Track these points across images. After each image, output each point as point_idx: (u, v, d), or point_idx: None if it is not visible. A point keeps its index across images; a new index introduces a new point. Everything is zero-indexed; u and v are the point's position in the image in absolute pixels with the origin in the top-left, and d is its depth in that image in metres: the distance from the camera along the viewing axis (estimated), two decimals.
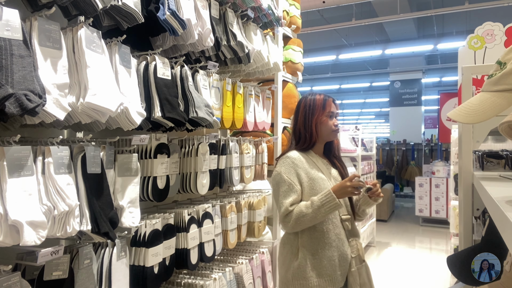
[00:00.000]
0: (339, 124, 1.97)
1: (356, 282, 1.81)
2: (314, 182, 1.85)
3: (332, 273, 1.79)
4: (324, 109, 1.92)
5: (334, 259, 1.80)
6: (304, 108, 1.96)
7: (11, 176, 1.07)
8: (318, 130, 1.93)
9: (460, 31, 9.55)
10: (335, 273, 1.79)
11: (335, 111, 1.97)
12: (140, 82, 1.59)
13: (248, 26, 2.39)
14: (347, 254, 1.83)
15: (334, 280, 1.79)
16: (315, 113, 1.92)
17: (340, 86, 16.13)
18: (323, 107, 1.92)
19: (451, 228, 4.34)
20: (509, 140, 2.16)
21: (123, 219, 1.45)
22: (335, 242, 1.81)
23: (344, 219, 1.87)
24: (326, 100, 1.94)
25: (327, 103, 1.94)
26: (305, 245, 1.83)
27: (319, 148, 1.99)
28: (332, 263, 1.79)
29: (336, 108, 1.97)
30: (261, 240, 2.74)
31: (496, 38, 4.11)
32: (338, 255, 1.80)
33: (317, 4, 7.46)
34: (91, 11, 1.29)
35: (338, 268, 1.80)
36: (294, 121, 2.02)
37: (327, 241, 1.81)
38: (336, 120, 1.96)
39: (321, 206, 1.73)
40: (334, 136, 1.96)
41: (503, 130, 0.82)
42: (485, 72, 1.72)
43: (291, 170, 1.86)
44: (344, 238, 1.84)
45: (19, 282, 1.13)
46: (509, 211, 0.64)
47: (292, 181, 1.84)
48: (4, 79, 1.03)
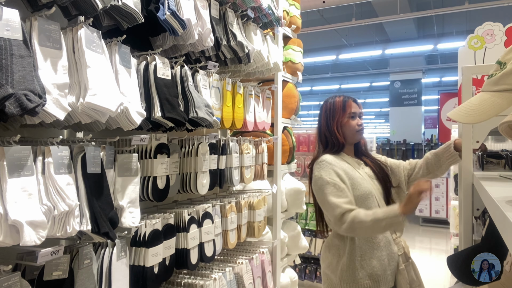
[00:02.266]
0: (363, 123, 1.94)
1: (406, 280, 1.80)
2: (354, 181, 1.81)
3: (382, 273, 1.77)
4: (345, 110, 1.90)
5: (384, 258, 1.78)
6: (325, 112, 1.95)
7: (11, 176, 1.07)
8: (342, 132, 1.91)
9: (460, 31, 9.55)
10: (385, 272, 1.78)
11: (358, 111, 1.93)
12: (140, 82, 1.59)
13: (248, 26, 2.39)
14: (395, 252, 1.83)
15: (385, 280, 1.78)
16: (336, 116, 1.91)
17: (340, 86, 16.13)
18: (343, 108, 1.91)
19: (451, 228, 4.34)
20: (509, 140, 2.16)
21: (123, 219, 1.45)
22: (383, 241, 1.81)
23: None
24: (346, 101, 1.92)
25: (347, 104, 1.92)
26: (353, 247, 1.79)
27: (350, 150, 1.97)
28: (382, 263, 1.78)
29: (358, 107, 1.94)
30: (261, 240, 2.74)
31: (496, 38, 4.11)
32: (387, 255, 1.79)
33: (317, 4, 7.46)
34: (91, 11, 1.29)
35: (387, 268, 1.79)
36: (318, 127, 2.00)
37: (375, 241, 1.79)
38: (360, 119, 1.93)
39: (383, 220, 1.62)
40: (359, 136, 1.93)
41: (503, 130, 0.82)
42: (485, 72, 1.72)
43: (331, 172, 1.79)
44: (390, 237, 1.84)
45: (19, 282, 1.13)
46: (509, 211, 0.64)
47: (336, 181, 1.77)
48: (4, 79, 1.03)
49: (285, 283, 2.94)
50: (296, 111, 3.17)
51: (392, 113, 12.83)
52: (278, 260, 2.84)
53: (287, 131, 3.07)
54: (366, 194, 1.81)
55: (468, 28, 8.46)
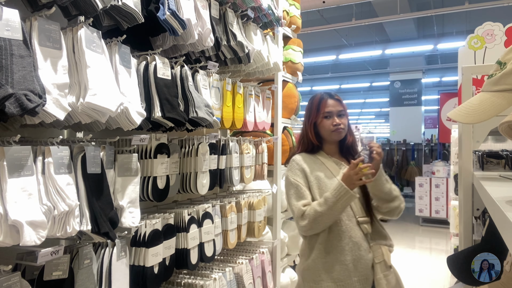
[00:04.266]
0: (342, 122, 1.84)
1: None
2: (320, 181, 1.79)
3: (346, 278, 1.71)
4: (319, 110, 1.85)
5: (348, 264, 1.71)
6: (305, 111, 1.95)
7: (11, 176, 1.07)
8: (316, 132, 1.88)
9: (460, 31, 9.55)
10: (350, 278, 1.71)
11: (335, 110, 1.85)
12: (140, 82, 1.59)
13: (248, 26, 2.39)
14: (366, 259, 1.74)
15: (349, 285, 1.71)
16: (310, 116, 1.88)
17: (340, 86, 16.13)
18: (318, 108, 1.86)
19: (451, 228, 4.34)
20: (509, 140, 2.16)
21: (123, 219, 1.45)
22: (349, 245, 1.73)
23: (361, 222, 1.78)
24: (322, 100, 1.86)
25: (322, 104, 1.85)
26: (318, 250, 1.76)
27: (330, 149, 1.90)
28: (346, 268, 1.71)
29: (337, 106, 1.85)
30: (261, 240, 2.74)
31: (496, 38, 4.11)
32: (352, 260, 1.72)
33: (317, 4, 7.46)
34: (91, 11, 1.29)
35: (353, 274, 1.71)
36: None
37: (339, 244, 1.73)
38: (340, 118, 1.84)
39: (336, 202, 1.64)
40: (336, 135, 1.84)
41: (503, 130, 0.82)
42: (485, 72, 1.72)
43: (296, 172, 1.82)
44: (361, 241, 1.75)
45: (19, 282, 1.13)
46: (509, 211, 0.64)
47: (299, 182, 1.79)
48: (4, 79, 1.03)
49: (285, 283, 2.94)
50: (296, 111, 3.17)
51: (392, 113, 12.83)
52: (278, 260, 2.84)
53: (287, 131, 3.07)
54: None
55: (468, 28, 8.45)
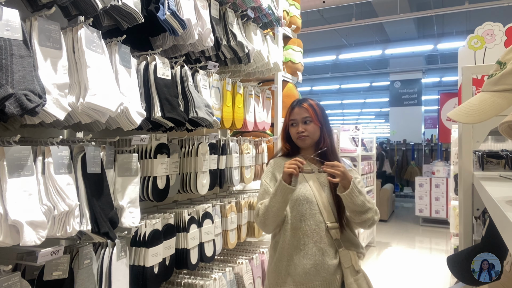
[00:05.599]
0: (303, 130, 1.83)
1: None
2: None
3: (307, 282, 1.72)
4: (288, 118, 1.89)
5: (309, 268, 1.72)
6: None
7: (11, 176, 1.07)
8: (288, 138, 1.91)
9: (460, 31, 9.55)
10: (312, 282, 1.73)
11: (299, 117, 1.84)
12: (140, 82, 1.59)
13: (248, 26, 2.39)
14: (330, 264, 1.74)
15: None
16: (284, 123, 1.93)
17: (340, 86, 16.13)
18: (288, 116, 1.90)
19: (451, 228, 4.34)
20: (509, 140, 2.16)
21: (123, 219, 1.45)
22: (312, 250, 1.74)
23: (330, 227, 1.78)
24: (291, 108, 1.89)
25: (290, 112, 1.88)
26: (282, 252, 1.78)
27: (308, 153, 1.88)
28: (307, 271, 1.72)
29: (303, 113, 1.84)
30: (261, 240, 2.74)
31: (496, 38, 4.11)
32: (314, 264, 1.73)
33: (317, 4, 7.46)
34: (91, 11, 1.29)
35: (315, 278, 1.73)
36: None
37: (302, 248, 1.75)
38: (302, 126, 1.83)
39: (275, 194, 1.70)
40: (301, 142, 1.85)
41: (503, 130, 0.82)
42: (485, 72, 1.72)
43: (268, 174, 1.87)
44: (327, 247, 1.76)
45: (19, 282, 1.13)
46: (509, 211, 0.64)
47: (268, 184, 1.83)
48: (4, 79, 1.03)
49: None
50: None
51: (392, 113, 12.83)
52: None
53: None
54: (300, 199, 1.77)
55: (468, 28, 8.46)
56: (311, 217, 1.76)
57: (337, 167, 1.66)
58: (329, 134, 1.89)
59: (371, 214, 1.73)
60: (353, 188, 1.68)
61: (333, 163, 1.68)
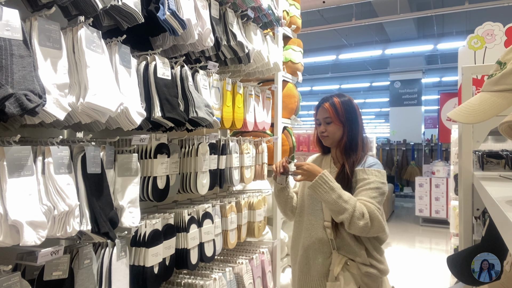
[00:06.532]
0: (324, 130, 1.86)
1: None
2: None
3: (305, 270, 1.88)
4: (315, 117, 1.93)
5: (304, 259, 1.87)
6: None
7: (11, 176, 1.07)
8: (318, 137, 1.95)
9: (460, 31, 9.55)
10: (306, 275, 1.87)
11: (321, 118, 1.88)
12: (140, 82, 1.59)
13: (248, 26, 2.39)
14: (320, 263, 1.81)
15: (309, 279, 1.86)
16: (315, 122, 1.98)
17: (340, 86, 16.13)
18: (315, 115, 1.93)
19: (451, 228, 4.34)
20: (509, 140, 2.16)
21: (123, 219, 1.45)
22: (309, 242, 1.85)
23: (326, 226, 1.81)
24: (316, 108, 1.91)
25: (316, 112, 1.92)
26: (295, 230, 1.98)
27: (334, 152, 1.93)
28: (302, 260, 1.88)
29: (323, 113, 1.86)
30: (261, 240, 2.74)
31: (496, 38, 4.11)
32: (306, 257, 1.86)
33: (317, 4, 7.46)
34: (91, 11, 1.29)
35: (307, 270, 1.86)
36: None
37: (302, 239, 1.89)
38: (323, 126, 1.86)
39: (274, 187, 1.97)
40: (325, 142, 1.90)
41: (503, 130, 0.82)
42: (485, 72, 1.72)
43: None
44: (322, 244, 1.81)
45: (19, 282, 1.13)
46: (509, 211, 0.64)
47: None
48: (4, 79, 1.03)
49: (285, 283, 2.94)
50: (296, 111, 3.17)
51: (392, 113, 12.82)
52: (278, 260, 2.84)
53: (287, 131, 3.07)
54: (307, 195, 1.91)
55: (468, 28, 8.45)
56: (313, 212, 1.87)
57: (301, 167, 1.77)
58: (352, 133, 1.85)
59: (347, 216, 1.63)
60: (319, 183, 1.68)
61: (301, 163, 1.79)
